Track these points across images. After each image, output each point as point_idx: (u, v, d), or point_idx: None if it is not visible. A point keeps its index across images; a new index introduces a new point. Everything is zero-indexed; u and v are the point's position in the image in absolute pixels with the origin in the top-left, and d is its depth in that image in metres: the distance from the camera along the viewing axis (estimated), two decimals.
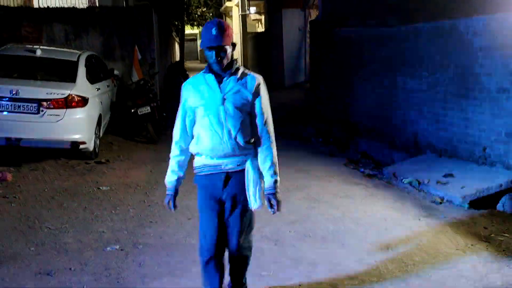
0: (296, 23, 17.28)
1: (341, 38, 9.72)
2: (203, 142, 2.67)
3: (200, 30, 40.34)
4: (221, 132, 2.62)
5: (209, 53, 2.57)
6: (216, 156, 2.67)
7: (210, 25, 2.56)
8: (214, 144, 2.64)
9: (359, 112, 8.86)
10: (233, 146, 2.64)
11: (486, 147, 5.72)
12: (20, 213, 4.85)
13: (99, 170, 6.67)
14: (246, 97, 2.65)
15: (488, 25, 5.64)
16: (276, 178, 2.73)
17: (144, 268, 3.70)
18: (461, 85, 6.09)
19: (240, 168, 2.70)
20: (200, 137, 2.68)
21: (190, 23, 31.47)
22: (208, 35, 2.54)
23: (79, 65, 7.27)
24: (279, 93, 15.62)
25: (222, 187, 2.71)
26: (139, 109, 8.69)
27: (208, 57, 2.59)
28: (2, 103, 6.36)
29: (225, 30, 2.55)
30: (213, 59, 2.57)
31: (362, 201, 5.37)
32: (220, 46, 2.54)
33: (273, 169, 2.72)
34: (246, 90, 2.65)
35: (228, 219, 2.76)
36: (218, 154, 2.66)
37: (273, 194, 2.72)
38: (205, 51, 2.60)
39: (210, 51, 2.56)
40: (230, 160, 2.68)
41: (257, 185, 2.71)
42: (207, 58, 2.61)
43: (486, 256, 3.94)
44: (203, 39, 2.58)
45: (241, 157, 2.69)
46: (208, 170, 2.72)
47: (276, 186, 2.73)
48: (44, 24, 10.45)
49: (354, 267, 3.73)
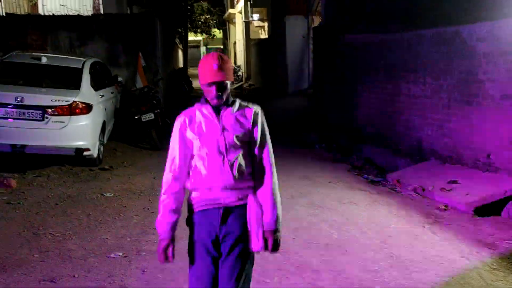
0: (299, 30, 17.34)
1: (344, 44, 9.74)
2: (201, 175, 2.44)
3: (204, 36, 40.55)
4: (221, 163, 2.42)
5: (209, 88, 2.40)
6: (215, 188, 2.42)
7: (211, 59, 2.39)
8: (213, 175, 2.42)
9: (362, 118, 8.86)
10: (233, 177, 2.41)
11: (491, 153, 5.71)
12: (25, 219, 4.86)
13: (103, 176, 6.68)
14: (245, 127, 2.47)
15: (492, 31, 5.64)
16: (277, 214, 2.44)
17: (147, 275, 3.70)
18: (465, 91, 6.09)
19: (241, 202, 2.45)
20: (197, 170, 2.46)
21: (193, 30, 31.61)
22: (209, 70, 2.38)
23: (84, 72, 7.32)
24: (282, 99, 15.66)
25: (220, 223, 2.41)
26: (143, 116, 8.72)
27: (207, 92, 2.43)
28: (7, 110, 6.40)
29: (226, 63, 2.41)
30: (213, 94, 2.40)
31: (365, 208, 5.35)
32: (222, 82, 2.39)
33: (273, 201, 2.45)
34: (245, 119, 2.49)
35: (224, 262, 2.40)
36: (217, 186, 2.42)
37: (271, 231, 2.43)
38: (203, 86, 2.42)
39: (211, 86, 2.39)
40: (230, 193, 2.43)
41: (260, 222, 2.44)
42: (206, 94, 2.44)
43: (491, 264, 3.91)
44: (203, 73, 2.40)
45: (243, 190, 2.45)
46: (205, 205, 2.45)
47: (276, 223, 2.45)
48: (49, 32, 10.54)
49: (358, 274, 3.72)
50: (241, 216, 2.44)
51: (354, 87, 9.17)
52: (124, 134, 9.07)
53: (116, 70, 10.17)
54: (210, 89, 2.40)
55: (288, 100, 15.44)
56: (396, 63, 7.65)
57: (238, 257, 2.40)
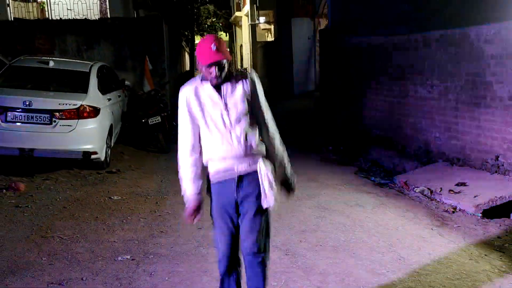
0: (305, 32, 17.35)
1: (351, 46, 9.73)
2: (212, 148, 2.68)
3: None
4: (229, 136, 2.64)
5: (209, 69, 2.57)
6: (227, 159, 2.67)
7: (208, 41, 2.57)
8: (224, 149, 2.65)
9: (369, 120, 8.84)
10: (243, 148, 2.65)
11: (499, 155, 5.67)
12: (33, 222, 4.90)
13: (110, 180, 6.71)
14: (245, 95, 2.68)
15: (500, 33, 5.61)
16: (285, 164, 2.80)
17: (154, 278, 3.71)
18: (473, 93, 6.05)
19: (253, 169, 2.69)
20: (207, 143, 2.70)
21: (199, 33, 31.74)
22: (208, 51, 2.55)
23: (91, 76, 7.36)
24: (288, 101, 15.66)
25: (236, 190, 2.69)
26: (149, 119, 8.75)
27: (207, 73, 2.59)
28: (15, 114, 6.45)
29: (222, 44, 2.59)
30: (214, 75, 2.58)
31: (373, 210, 5.33)
32: (220, 61, 2.56)
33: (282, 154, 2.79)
34: (244, 88, 2.69)
35: (243, 220, 2.71)
36: (229, 157, 2.66)
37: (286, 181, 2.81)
38: (203, 67, 2.59)
39: (211, 67, 2.56)
40: (242, 162, 2.68)
41: (271, 183, 2.69)
42: (206, 75, 2.61)
43: (500, 266, 3.88)
44: (203, 55, 2.56)
45: (252, 157, 2.69)
46: (221, 177, 2.70)
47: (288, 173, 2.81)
48: (57, 36, 10.63)
49: (366, 277, 3.70)
50: (254, 180, 2.69)
51: (361, 89, 9.15)
52: (131, 137, 9.11)
53: (123, 74, 10.22)
54: (210, 70, 2.57)
55: (294, 102, 15.44)
56: (403, 65, 7.62)
57: (255, 214, 2.70)
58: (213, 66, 2.56)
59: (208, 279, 3.65)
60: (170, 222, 4.91)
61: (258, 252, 2.73)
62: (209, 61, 2.54)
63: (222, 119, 2.64)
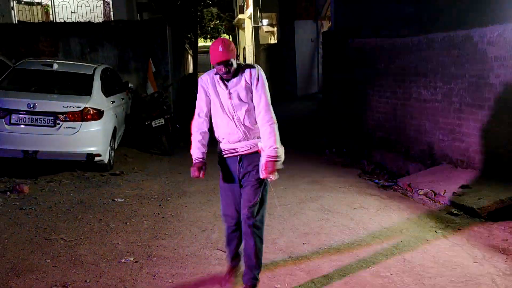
0: (308, 35, 17.36)
1: (354, 48, 9.73)
2: (221, 129, 3.28)
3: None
4: (233, 121, 3.22)
5: (218, 66, 3.15)
6: (232, 141, 3.26)
7: (216, 44, 3.13)
8: (229, 131, 3.24)
9: (373, 122, 8.82)
10: (244, 131, 3.22)
11: (503, 158, 5.64)
12: (37, 224, 4.91)
13: (114, 182, 6.73)
14: (248, 86, 3.20)
15: (503, 34, 5.60)
16: (274, 146, 3.13)
17: (158, 280, 3.71)
18: (476, 95, 6.04)
19: (253, 150, 3.25)
20: (218, 125, 3.30)
21: (203, 36, 31.79)
22: (216, 52, 3.11)
23: (95, 78, 7.39)
24: (292, 104, 15.66)
25: (238, 167, 3.28)
26: (153, 121, 8.77)
27: (218, 70, 3.18)
28: (19, 116, 6.47)
29: (229, 46, 3.13)
30: (223, 71, 3.16)
31: (376, 213, 5.32)
32: (227, 60, 3.11)
33: (273, 139, 3.14)
34: (248, 79, 3.20)
35: (244, 189, 3.27)
36: (233, 140, 3.25)
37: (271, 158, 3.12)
38: (215, 66, 3.16)
39: (220, 65, 3.13)
40: (243, 145, 3.26)
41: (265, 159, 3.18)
42: (217, 70, 3.19)
43: (504, 269, 3.86)
44: (213, 56, 3.14)
45: (252, 140, 3.25)
46: (228, 154, 3.31)
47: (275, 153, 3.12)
48: (61, 39, 10.67)
49: (370, 280, 3.69)
50: (253, 158, 3.26)
51: (364, 91, 9.14)
52: (135, 139, 9.13)
53: (127, 76, 10.26)
54: (219, 67, 3.16)
55: (297, 104, 15.43)
56: (406, 67, 7.61)
57: (254, 184, 3.25)
58: (221, 64, 3.13)
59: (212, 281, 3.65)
60: (173, 224, 4.92)
61: (251, 216, 3.24)
62: (217, 60, 3.13)
63: (227, 106, 3.22)
